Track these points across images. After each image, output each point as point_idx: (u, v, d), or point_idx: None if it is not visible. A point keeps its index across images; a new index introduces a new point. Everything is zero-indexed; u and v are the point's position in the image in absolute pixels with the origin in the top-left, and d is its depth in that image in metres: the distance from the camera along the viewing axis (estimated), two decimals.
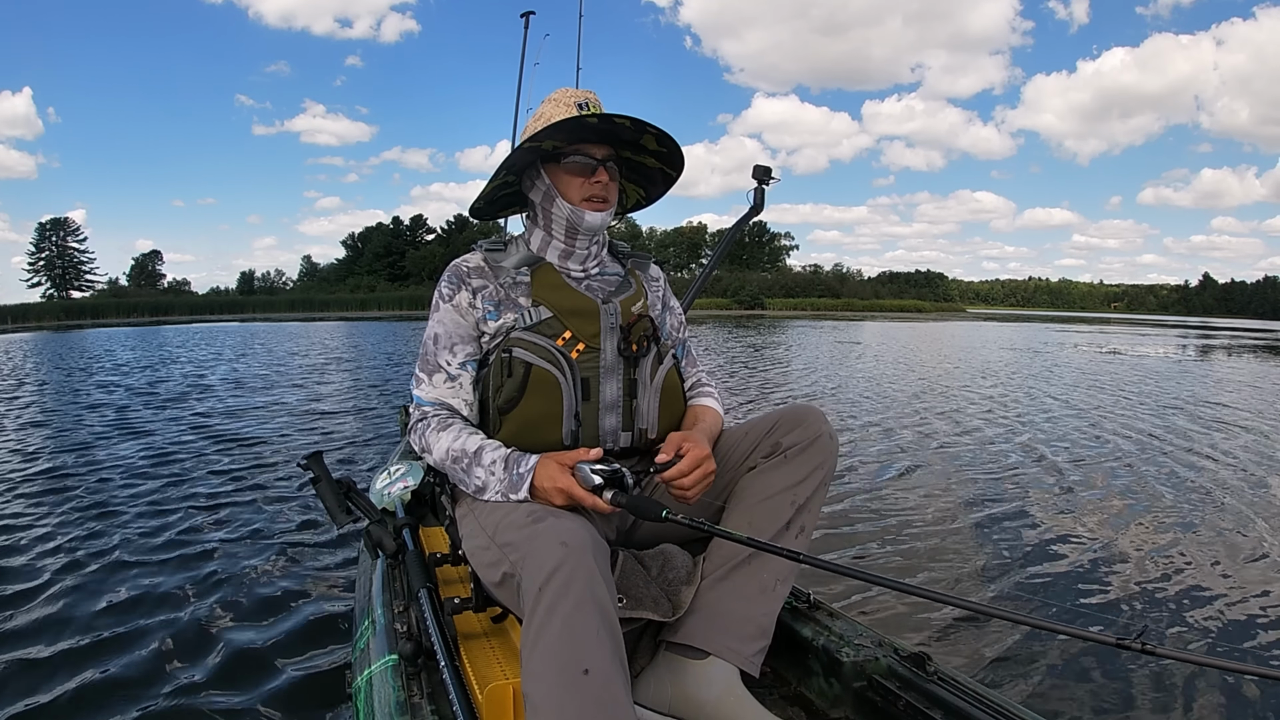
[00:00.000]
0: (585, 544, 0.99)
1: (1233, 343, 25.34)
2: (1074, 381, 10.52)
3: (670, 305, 1.53)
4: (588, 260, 1.39)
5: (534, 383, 1.24)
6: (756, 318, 42.50)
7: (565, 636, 0.91)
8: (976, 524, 3.53)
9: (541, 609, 0.93)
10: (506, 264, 1.35)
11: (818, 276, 77.90)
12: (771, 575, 1.24)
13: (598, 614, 0.93)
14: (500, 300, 1.32)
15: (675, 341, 1.50)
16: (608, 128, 1.30)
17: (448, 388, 1.31)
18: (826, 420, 1.32)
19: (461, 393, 1.31)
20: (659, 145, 1.36)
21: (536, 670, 0.91)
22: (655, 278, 1.52)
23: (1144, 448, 5.52)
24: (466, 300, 1.33)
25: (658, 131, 1.30)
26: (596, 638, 0.92)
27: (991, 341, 21.36)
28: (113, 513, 3.51)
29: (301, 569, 2.81)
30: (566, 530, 1.01)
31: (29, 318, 37.31)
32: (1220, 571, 2.96)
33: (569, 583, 0.94)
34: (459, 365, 1.32)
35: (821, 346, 17.64)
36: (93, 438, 5.52)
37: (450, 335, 1.32)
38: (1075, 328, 37.76)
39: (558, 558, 0.96)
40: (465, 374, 1.32)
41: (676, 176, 1.44)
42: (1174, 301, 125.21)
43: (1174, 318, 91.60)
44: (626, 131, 1.31)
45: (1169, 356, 16.80)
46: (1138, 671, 2.14)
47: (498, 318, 1.31)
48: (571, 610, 0.92)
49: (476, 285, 1.34)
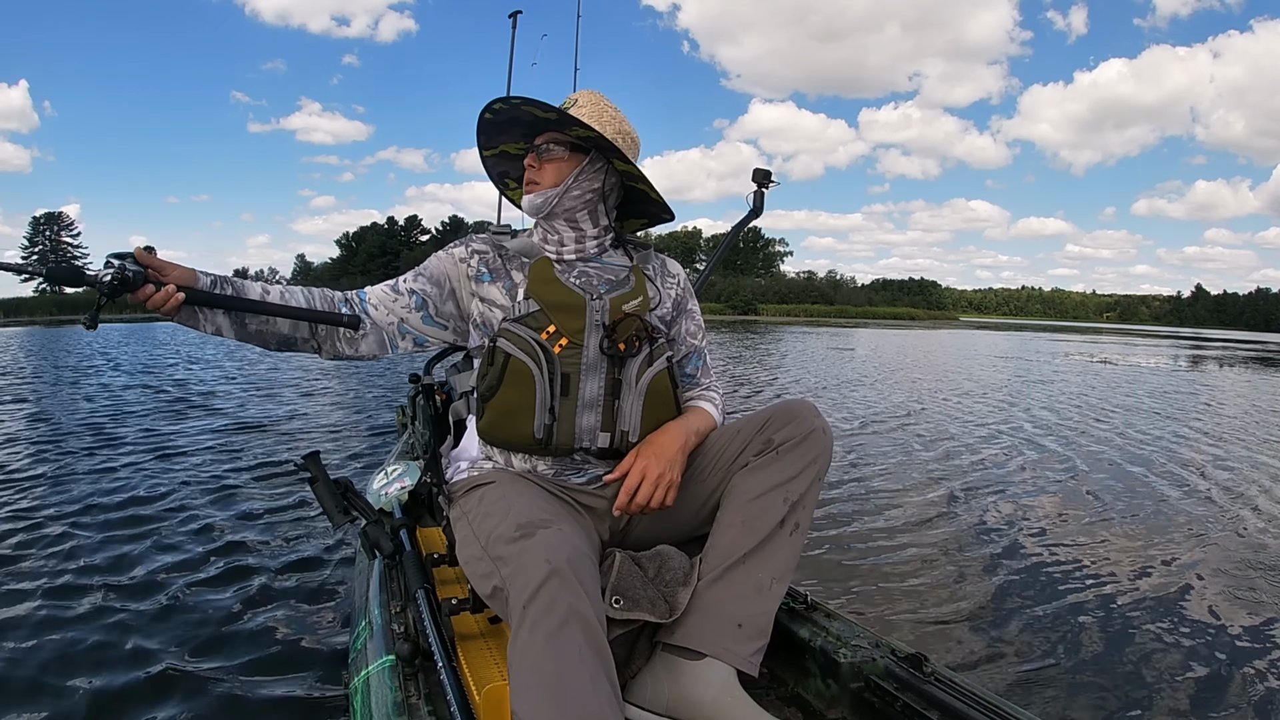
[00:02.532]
0: (573, 560, 0.98)
1: (1224, 354, 25.44)
2: (1068, 389, 10.56)
3: (688, 309, 1.49)
4: (582, 242, 1.38)
5: (510, 373, 1.25)
6: (749, 323, 42.53)
7: (549, 654, 0.91)
8: (973, 523, 3.54)
9: (525, 628, 0.93)
10: (509, 244, 1.38)
11: (811, 283, 78.23)
12: (768, 574, 1.23)
13: (582, 632, 0.93)
14: (495, 268, 1.36)
15: (690, 348, 1.48)
16: (516, 115, 1.35)
17: (384, 290, 1.38)
18: (820, 414, 1.30)
19: (388, 301, 1.36)
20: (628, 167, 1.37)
21: (521, 689, 0.91)
22: (673, 275, 1.48)
23: (1127, 451, 5.56)
24: (461, 254, 1.38)
25: (554, 112, 1.30)
26: (579, 656, 0.91)
27: (983, 351, 21.41)
28: (107, 511, 3.49)
29: (298, 569, 2.79)
30: (553, 547, 1.00)
31: (21, 312, 37.00)
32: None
33: (553, 602, 0.94)
34: (408, 289, 1.37)
35: (815, 353, 17.67)
36: (89, 434, 5.48)
37: (425, 268, 1.38)
38: (1067, 337, 37.93)
39: (542, 575, 0.95)
40: (405, 298, 1.37)
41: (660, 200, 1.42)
42: (1166, 312, 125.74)
43: (1166, 328, 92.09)
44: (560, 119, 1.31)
45: (1160, 368, 16.88)
46: (1139, 672, 2.16)
47: (491, 281, 1.35)
48: (555, 629, 0.92)
49: (477, 248, 1.38)
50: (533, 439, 1.27)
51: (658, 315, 1.39)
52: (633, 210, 1.50)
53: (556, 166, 1.34)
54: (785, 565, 1.25)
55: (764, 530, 1.23)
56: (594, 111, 1.34)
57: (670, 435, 1.30)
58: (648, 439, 1.30)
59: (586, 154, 1.35)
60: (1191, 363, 19.05)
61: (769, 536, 1.23)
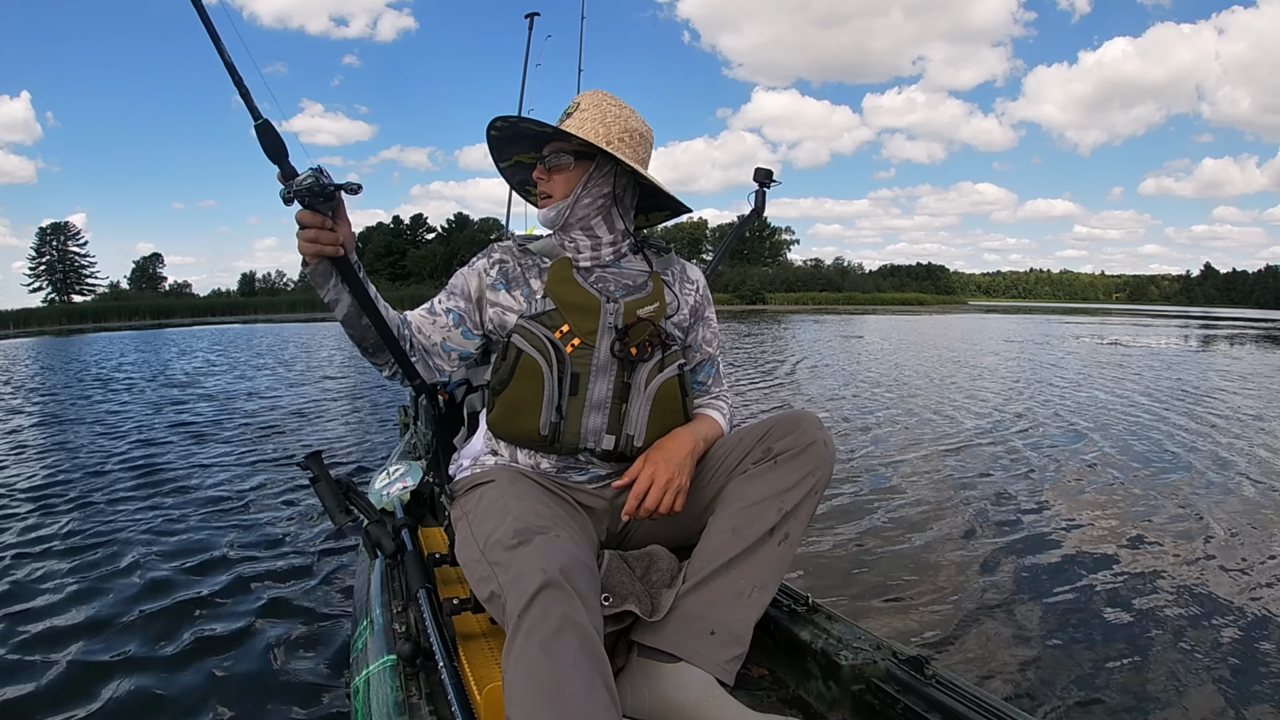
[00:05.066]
0: (568, 568, 0.98)
1: (1234, 333, 25.23)
2: (1076, 376, 10.49)
3: (705, 316, 1.48)
4: (598, 250, 1.38)
5: (521, 369, 1.27)
6: (758, 313, 42.46)
7: (543, 661, 0.90)
8: (978, 519, 3.54)
9: (520, 635, 0.93)
10: (532, 247, 1.39)
11: (819, 270, 77.93)
12: (749, 582, 1.22)
13: (578, 639, 0.92)
14: (513, 278, 1.37)
15: (704, 355, 1.48)
16: (519, 131, 1.39)
17: (422, 314, 1.40)
18: (822, 427, 1.29)
19: (428, 325, 1.39)
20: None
21: (515, 695, 0.91)
22: (693, 281, 1.47)
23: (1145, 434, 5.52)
24: (483, 266, 1.40)
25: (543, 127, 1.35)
26: (575, 662, 0.91)
27: (993, 334, 21.30)
28: (110, 512, 3.53)
29: (300, 569, 2.81)
30: (549, 555, 1.00)
31: (31, 323, 37.36)
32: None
33: (547, 611, 0.93)
34: (444, 309, 1.39)
35: (825, 342, 17.62)
36: (94, 437, 5.55)
37: (453, 286, 1.40)
38: (1077, 319, 37.69)
39: (537, 584, 0.95)
40: (443, 317, 1.38)
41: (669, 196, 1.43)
42: (1176, 292, 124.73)
43: (1176, 308, 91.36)
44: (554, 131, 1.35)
45: (1169, 348, 16.75)
46: (1145, 675, 2.14)
47: (505, 289, 1.36)
48: (550, 636, 0.91)
49: (497, 258, 1.40)
50: (538, 435, 1.28)
51: (674, 322, 1.39)
52: (654, 203, 1.49)
53: (565, 177, 1.35)
54: (770, 574, 1.23)
55: (752, 537, 1.23)
56: (596, 115, 1.34)
57: (679, 441, 1.31)
58: (657, 444, 1.31)
59: (594, 158, 1.35)
60: (1202, 343, 18.88)
61: (756, 544, 1.22)
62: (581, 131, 1.32)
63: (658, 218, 1.55)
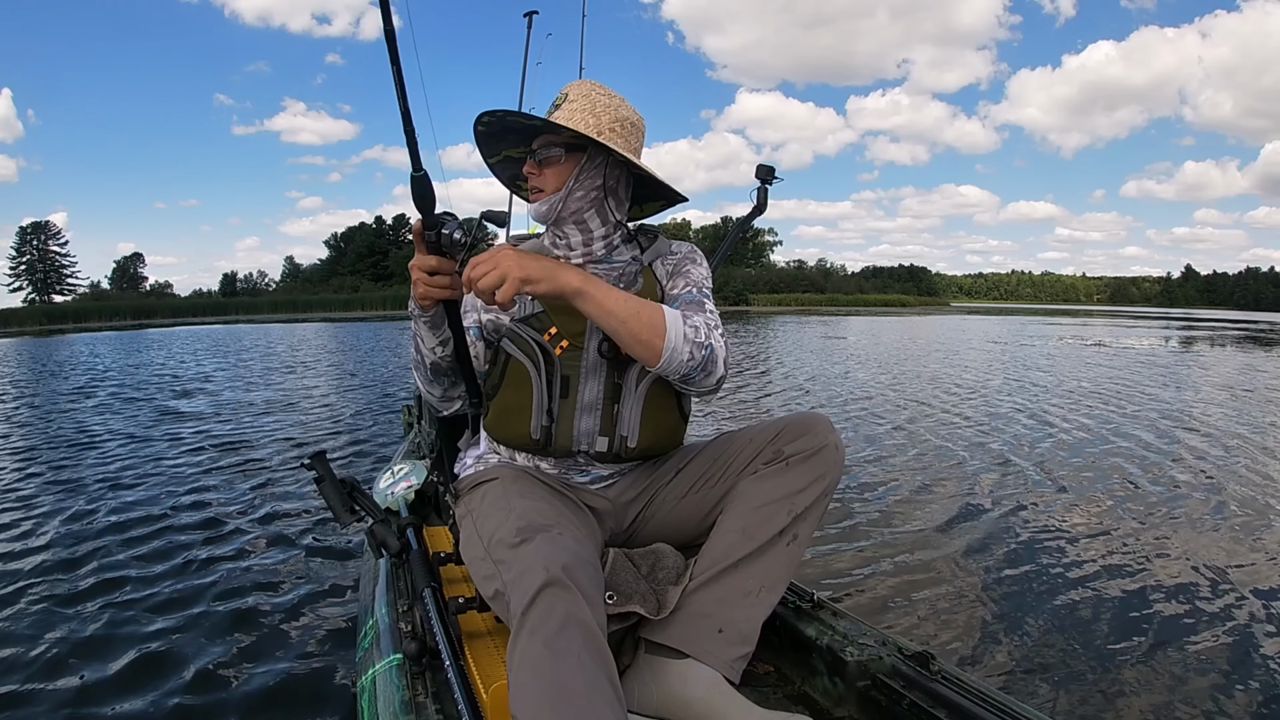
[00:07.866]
0: (571, 566, 0.98)
1: (1213, 334, 25.54)
2: (1065, 376, 10.60)
3: (683, 271, 1.36)
4: (590, 244, 1.35)
5: (510, 373, 1.27)
6: (741, 314, 42.53)
7: (547, 658, 0.90)
8: (977, 514, 3.57)
9: (524, 632, 0.93)
10: (522, 248, 1.35)
11: (802, 272, 78.32)
12: (757, 581, 1.22)
13: (581, 636, 0.92)
14: None
15: (676, 297, 1.33)
16: (507, 125, 1.35)
17: None
18: (834, 430, 1.28)
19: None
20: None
21: (519, 692, 0.91)
22: (675, 253, 1.40)
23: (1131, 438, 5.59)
24: None
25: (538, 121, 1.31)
26: (578, 660, 0.91)
27: (976, 336, 21.45)
28: (112, 514, 3.48)
29: (305, 569, 2.80)
30: (551, 553, 1.00)
31: (10, 323, 36.73)
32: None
33: (550, 609, 0.93)
34: (465, 326, 1.36)
35: (808, 343, 17.68)
36: (90, 441, 5.47)
37: (465, 302, 1.37)
38: (1058, 320, 38.01)
39: (539, 582, 0.95)
40: (469, 334, 1.35)
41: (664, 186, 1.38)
42: (1157, 293, 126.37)
43: (1157, 310, 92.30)
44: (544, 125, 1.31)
45: (1151, 349, 16.95)
46: (1152, 671, 2.15)
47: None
48: (554, 634, 0.92)
49: None
50: (530, 440, 1.28)
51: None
52: (649, 193, 1.46)
53: (556, 170, 1.31)
54: (778, 575, 1.24)
55: (762, 538, 1.22)
56: (585, 104, 1.30)
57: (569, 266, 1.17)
58: None
59: (585, 150, 1.31)
60: (1183, 344, 19.10)
61: (766, 545, 1.22)
62: (571, 123, 1.28)
63: (653, 208, 1.52)
